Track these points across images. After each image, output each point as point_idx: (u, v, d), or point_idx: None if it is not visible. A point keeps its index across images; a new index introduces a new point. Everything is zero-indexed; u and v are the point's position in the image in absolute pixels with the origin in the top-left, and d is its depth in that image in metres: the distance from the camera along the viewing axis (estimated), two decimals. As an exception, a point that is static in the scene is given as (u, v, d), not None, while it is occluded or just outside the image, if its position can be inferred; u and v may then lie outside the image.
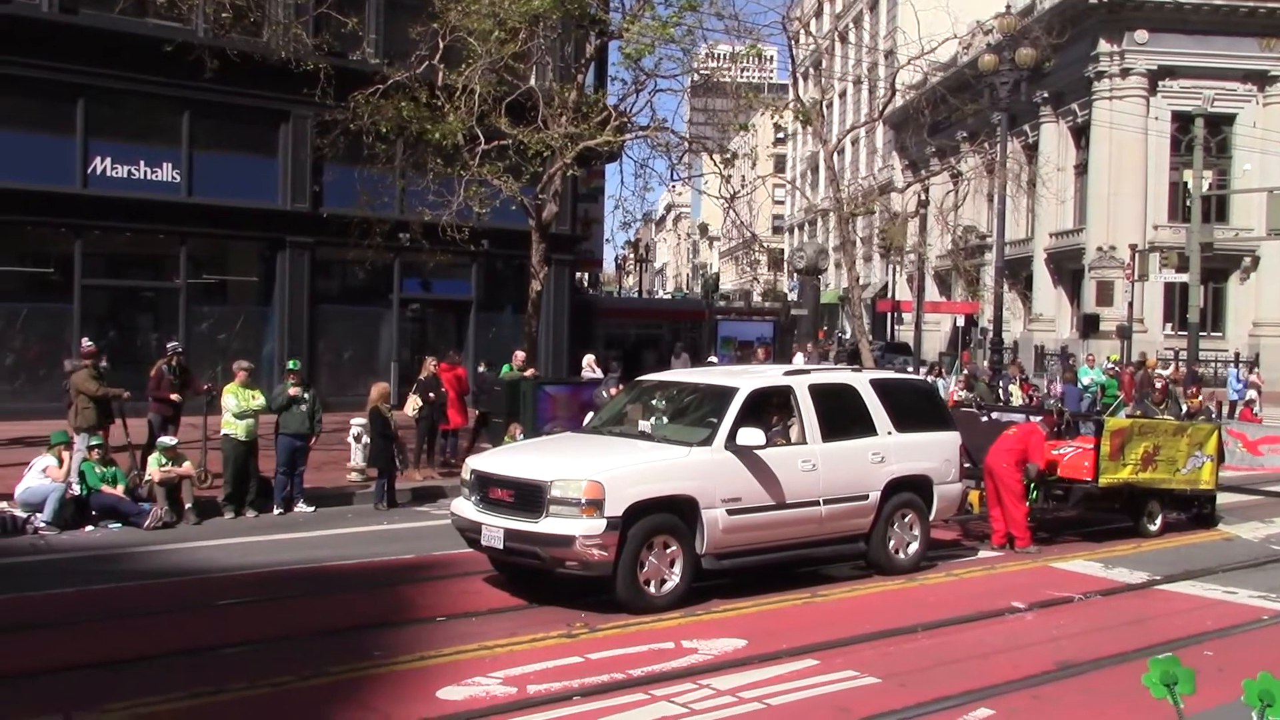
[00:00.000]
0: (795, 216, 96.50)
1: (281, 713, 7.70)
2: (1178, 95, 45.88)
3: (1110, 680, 8.85)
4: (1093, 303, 45.82)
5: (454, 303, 29.53)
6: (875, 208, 44.95)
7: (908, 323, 53.08)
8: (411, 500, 16.79)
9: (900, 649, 9.57)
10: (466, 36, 18.98)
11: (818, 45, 61.38)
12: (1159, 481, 15.33)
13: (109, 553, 13.08)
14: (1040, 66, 30.42)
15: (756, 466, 11.20)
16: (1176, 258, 37.68)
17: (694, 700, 7.98)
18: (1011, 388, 25.15)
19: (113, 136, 24.02)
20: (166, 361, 17.15)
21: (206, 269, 26.03)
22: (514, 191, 19.39)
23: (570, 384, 21.85)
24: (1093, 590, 12.04)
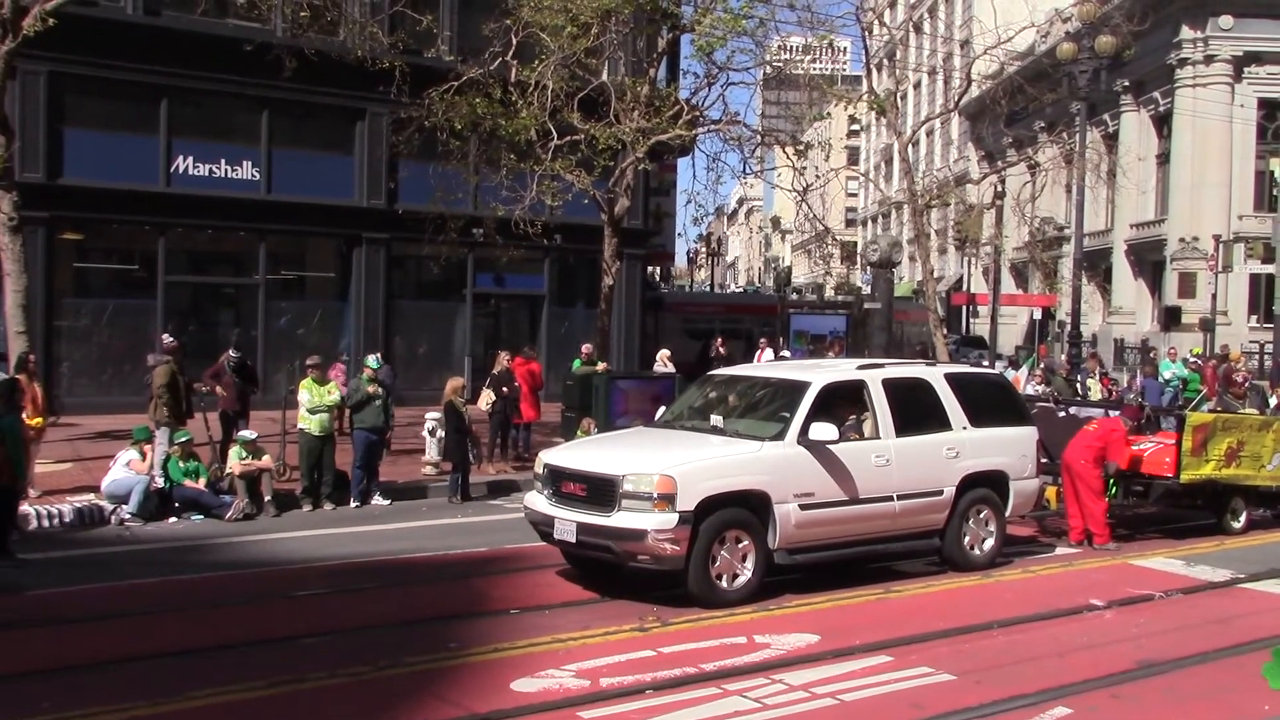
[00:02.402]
0: (869, 209, 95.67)
1: (359, 702, 7.81)
2: (1264, 82, 44.78)
3: (1193, 680, 8.70)
4: (1174, 295, 44.91)
5: (527, 297, 29.71)
6: (950, 199, 44.43)
7: (983, 316, 52.37)
8: (485, 494, 16.94)
9: (975, 646, 9.47)
10: (539, 32, 19.07)
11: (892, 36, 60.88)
12: (1243, 478, 15.01)
13: (191, 544, 13.37)
14: (1120, 54, 29.81)
15: (829, 461, 11.14)
16: (1262, 248, 36.86)
17: (766, 695, 7.96)
18: (1090, 382, 24.70)
19: (194, 136, 24.51)
20: (227, 359, 17.41)
21: (285, 265, 26.49)
22: (586, 186, 19.45)
23: (642, 378, 21.88)
24: (1174, 588, 11.82)
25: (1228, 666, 9.08)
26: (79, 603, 10.54)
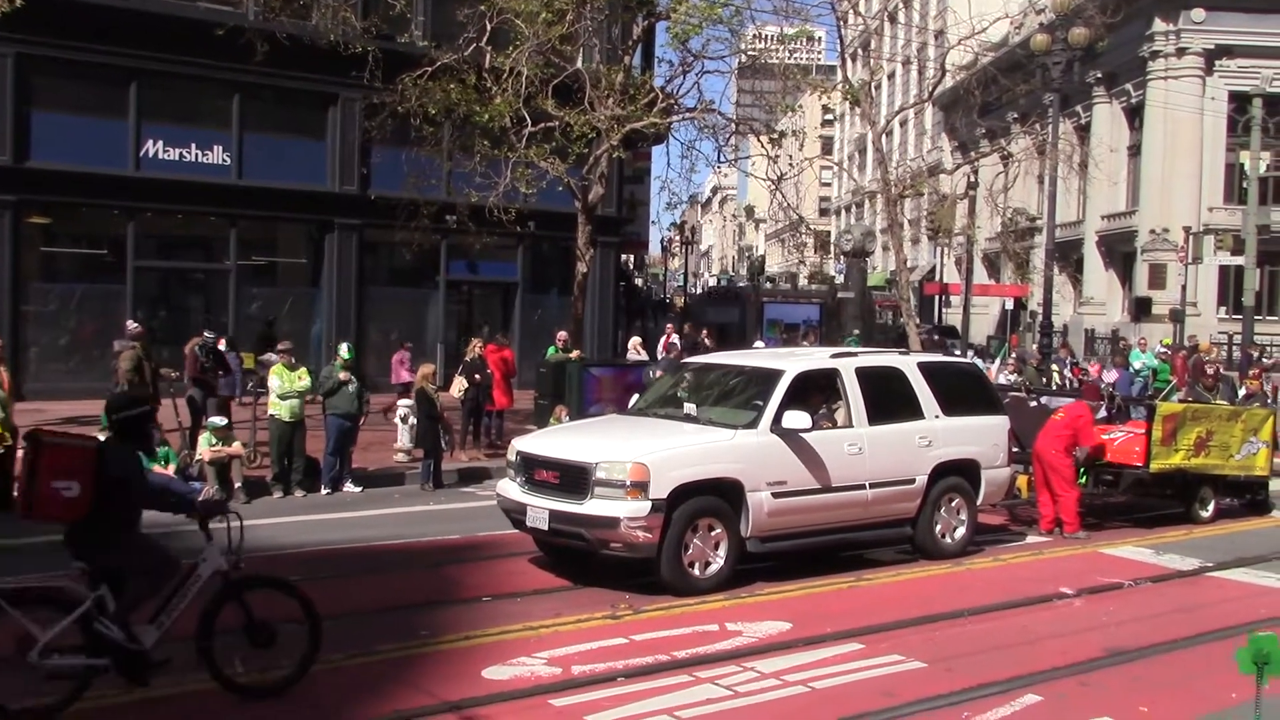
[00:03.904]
0: (843, 198, 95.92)
1: (329, 691, 7.76)
2: (1235, 75, 45.10)
3: (1161, 668, 8.76)
4: (1145, 286, 45.23)
5: (500, 284, 29.64)
6: (924, 189, 44.54)
7: (955, 306, 52.63)
8: (457, 481, 16.89)
9: (946, 634, 9.51)
10: (514, 19, 18.97)
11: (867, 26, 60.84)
12: (1212, 467, 15.13)
13: (160, 530, 13.20)
14: (1094, 46, 29.96)
15: (802, 450, 11.16)
16: (1232, 240, 37.13)
17: (738, 683, 7.98)
18: (1063, 371, 24.86)
19: (164, 120, 24.28)
20: (199, 345, 17.27)
21: (256, 251, 26.30)
22: (560, 173, 19.39)
23: (616, 366, 21.87)
24: (1143, 576, 11.91)
25: (1196, 654, 9.16)
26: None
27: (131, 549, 7.34)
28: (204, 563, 7.57)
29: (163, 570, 7.44)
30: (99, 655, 7.09)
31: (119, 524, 7.27)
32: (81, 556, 7.22)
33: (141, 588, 7.31)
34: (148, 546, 7.51)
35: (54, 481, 6.96)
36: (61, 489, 6.97)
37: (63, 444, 7.19)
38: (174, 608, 7.42)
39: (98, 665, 7.12)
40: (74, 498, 7.00)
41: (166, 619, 7.40)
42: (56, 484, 6.97)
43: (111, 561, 7.22)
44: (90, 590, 7.13)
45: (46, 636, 6.93)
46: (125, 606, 7.21)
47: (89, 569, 7.22)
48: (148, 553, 7.44)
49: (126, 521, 7.35)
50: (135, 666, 7.24)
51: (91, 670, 7.14)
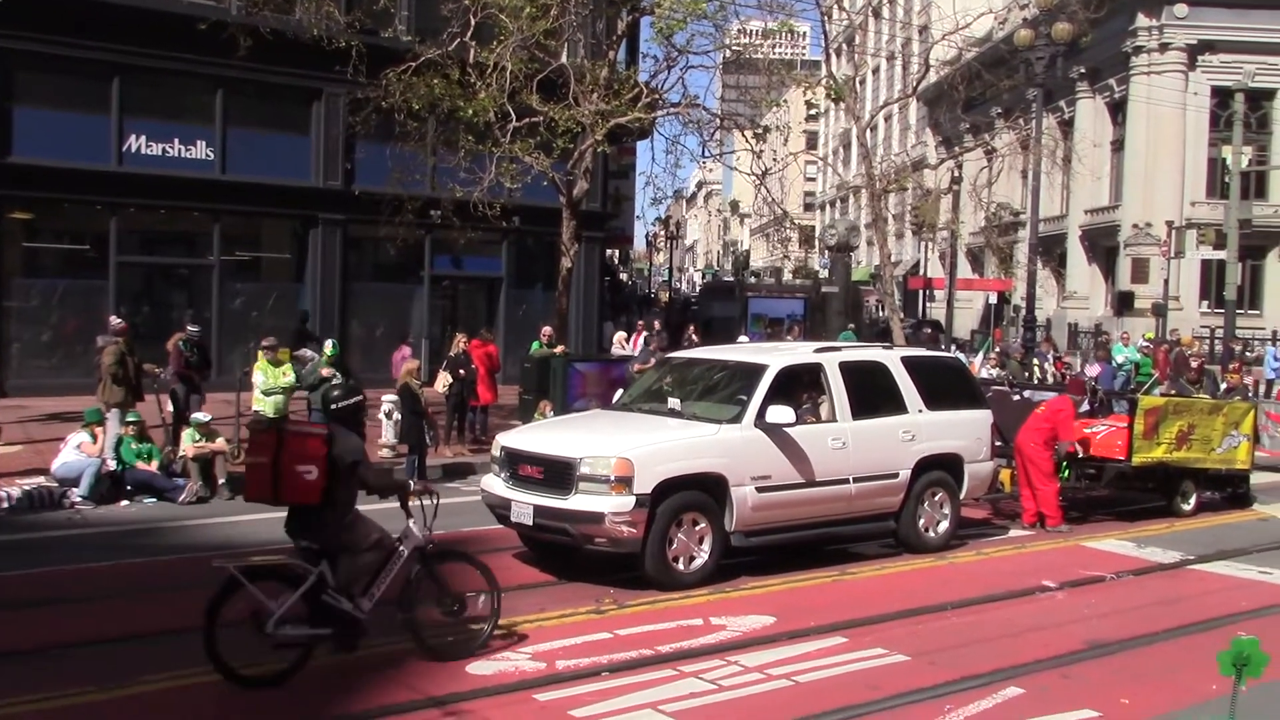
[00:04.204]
0: (827, 193, 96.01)
1: (314, 687, 7.76)
2: (1218, 70, 45.29)
3: (1142, 660, 8.82)
4: (1128, 280, 45.40)
5: (485, 279, 29.58)
6: (908, 184, 44.69)
7: (939, 300, 52.75)
8: (442, 476, 16.85)
9: (929, 627, 9.56)
10: (498, 13, 18.91)
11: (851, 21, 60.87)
12: (1193, 461, 15.22)
13: (143, 527, 13.23)
14: (1077, 41, 30.08)
15: (786, 444, 11.18)
16: (1214, 234, 37.29)
17: (722, 677, 8.00)
18: (1045, 365, 24.97)
19: (147, 114, 24.16)
20: (183, 339, 17.20)
21: (239, 246, 26.20)
22: (545, 168, 19.36)
23: (600, 361, 21.87)
24: (1125, 570, 11.98)
25: (1177, 646, 9.23)
26: (28, 587, 10.41)
27: (355, 527, 8.03)
28: (406, 539, 8.27)
29: (380, 546, 8.10)
30: (322, 625, 7.78)
31: (345, 505, 7.95)
32: (307, 535, 7.90)
33: (363, 562, 8.02)
34: (368, 525, 8.14)
35: (297, 466, 7.63)
36: (303, 473, 7.63)
37: (301, 432, 7.89)
38: (382, 580, 8.11)
39: (321, 634, 7.80)
40: (312, 481, 7.65)
41: (377, 590, 8.07)
42: (299, 469, 7.64)
43: (337, 540, 7.90)
44: (313, 566, 7.77)
45: (281, 609, 7.62)
46: (350, 580, 7.92)
47: (313, 547, 7.88)
48: (369, 531, 8.10)
49: (347, 502, 7.98)
50: (354, 634, 7.91)
51: (315, 639, 7.82)
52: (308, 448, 7.71)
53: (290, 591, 7.70)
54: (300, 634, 7.75)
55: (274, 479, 7.70)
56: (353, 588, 7.95)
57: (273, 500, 7.83)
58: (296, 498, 7.75)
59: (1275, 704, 6.38)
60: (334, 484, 7.78)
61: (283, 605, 7.64)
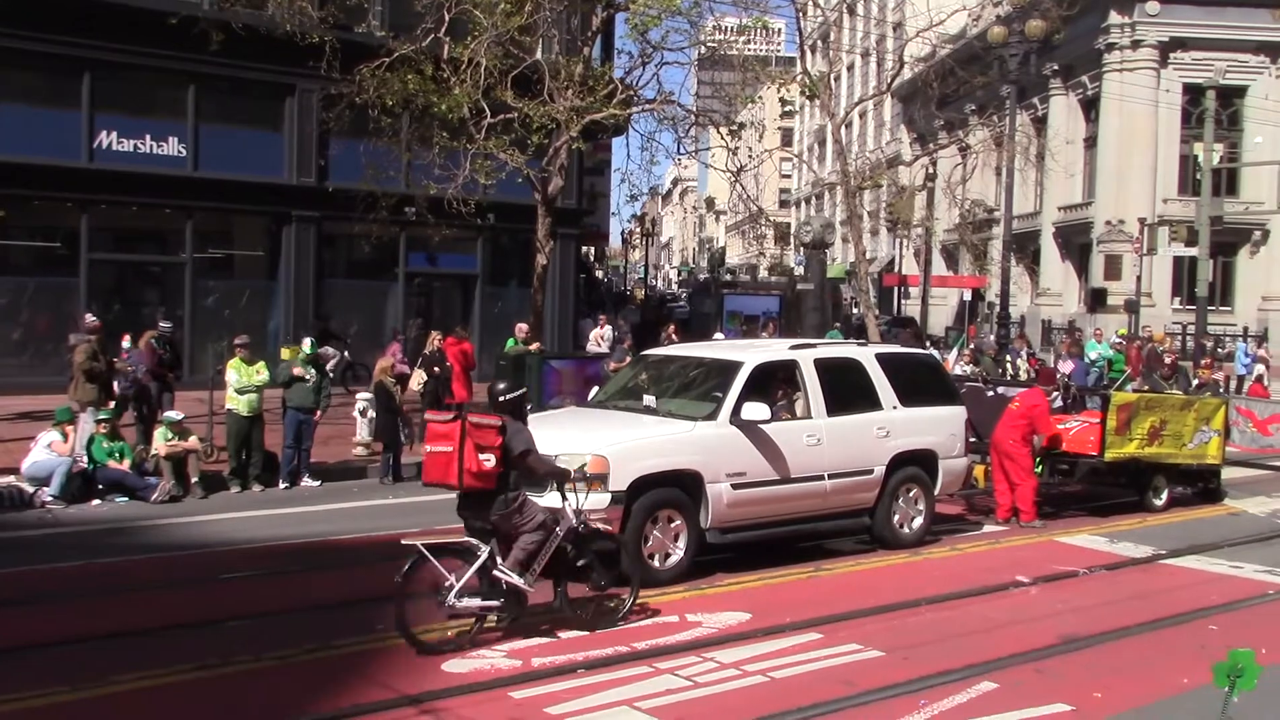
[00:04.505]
0: (802, 190, 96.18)
1: (287, 686, 7.73)
2: (1189, 67, 45.59)
3: (1115, 654, 8.86)
4: (1101, 277, 45.67)
5: (460, 277, 29.53)
6: (883, 181, 44.75)
7: (914, 297, 52.94)
8: (417, 474, 16.75)
9: (904, 623, 9.58)
10: (472, 9, 18.89)
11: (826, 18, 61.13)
12: (1165, 456, 15.31)
13: (115, 526, 13.14)
14: (1050, 39, 30.25)
15: (761, 441, 11.19)
16: (1186, 231, 37.55)
17: (698, 673, 8.00)
18: (1019, 362, 25.05)
19: (118, 110, 24.00)
20: (156, 336, 17.08)
21: (212, 243, 26.05)
22: (519, 165, 19.33)
23: (576, 358, 21.84)
24: (1097, 565, 12.04)
25: (1149, 640, 9.28)
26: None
27: (523, 510, 8.71)
28: (562, 520, 8.95)
29: (543, 527, 8.78)
30: (492, 598, 8.55)
31: (514, 489, 8.66)
32: (480, 517, 8.66)
33: (528, 541, 8.69)
34: (534, 507, 8.82)
35: (478, 455, 8.37)
36: (483, 461, 8.36)
37: (482, 424, 8.46)
38: (542, 557, 8.79)
39: (491, 605, 8.56)
40: (490, 469, 8.40)
41: (538, 567, 8.76)
42: (480, 457, 8.38)
43: (507, 521, 8.63)
44: (485, 544, 8.55)
45: (461, 582, 8.41)
46: (520, 557, 8.64)
47: (486, 526, 8.63)
48: (534, 513, 8.78)
49: (516, 486, 8.69)
50: (520, 606, 8.66)
51: (486, 610, 8.59)
52: (487, 437, 8.40)
53: (466, 567, 8.44)
54: (474, 605, 8.51)
55: (458, 465, 8.38)
56: (519, 564, 8.61)
57: (452, 485, 8.55)
58: (475, 483, 8.42)
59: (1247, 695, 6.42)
60: (506, 470, 8.51)
61: (460, 579, 8.40)
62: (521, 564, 8.66)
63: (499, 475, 8.49)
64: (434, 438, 8.68)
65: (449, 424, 8.55)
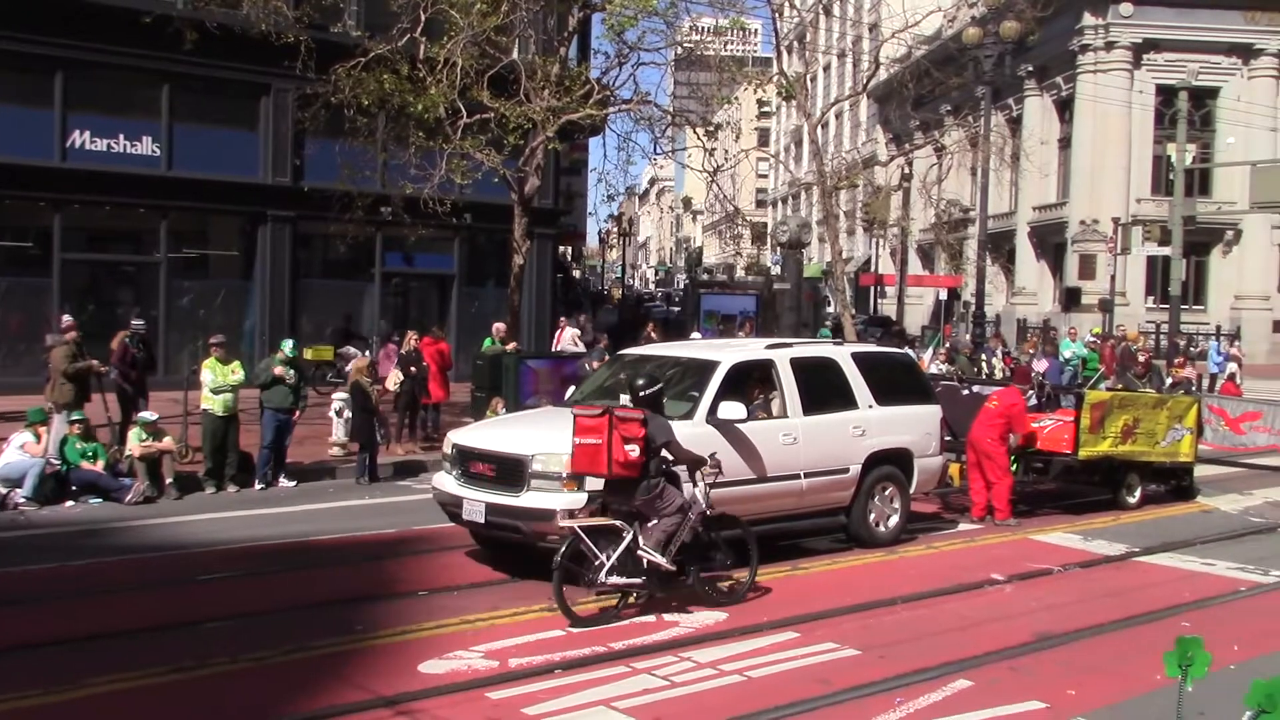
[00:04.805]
0: (779, 190, 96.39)
1: (263, 687, 7.70)
2: (1162, 69, 45.89)
3: (1089, 651, 8.92)
4: (1075, 276, 45.91)
5: (436, 276, 29.47)
6: (859, 181, 44.98)
7: (890, 297, 53.13)
8: (393, 475, 16.78)
9: (880, 621, 9.62)
10: (448, 9, 18.84)
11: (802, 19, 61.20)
12: (1138, 454, 15.41)
13: (89, 528, 13.05)
14: (1024, 40, 30.41)
15: (737, 440, 11.21)
16: (1159, 231, 37.72)
17: (675, 673, 8.01)
18: (994, 361, 25.18)
19: (91, 110, 23.84)
20: (128, 336, 16.98)
21: (187, 243, 25.91)
22: (496, 165, 19.30)
23: (553, 358, 21.83)
24: (1072, 562, 12.12)
25: (1123, 638, 9.34)
26: (-29, 589, 10.23)
27: (663, 495, 9.47)
28: (694, 504, 9.65)
29: (680, 511, 9.52)
30: (635, 575, 9.33)
31: (655, 476, 9.41)
32: (626, 501, 9.45)
33: (667, 524, 9.46)
34: (673, 493, 9.57)
35: (625, 445, 9.15)
36: (629, 451, 9.15)
37: (628, 417, 9.27)
38: (677, 539, 9.51)
39: (634, 583, 9.37)
40: (635, 458, 9.19)
41: (673, 547, 9.46)
42: (626, 447, 9.16)
43: (650, 506, 9.43)
44: (629, 527, 9.33)
45: (610, 562, 9.17)
46: (660, 538, 9.40)
47: (630, 510, 9.43)
48: (673, 498, 9.54)
49: (656, 474, 9.44)
50: (660, 583, 9.46)
51: (630, 586, 9.40)
52: (632, 430, 9.20)
53: (613, 547, 9.18)
54: (619, 582, 9.29)
55: (606, 456, 9.17)
56: (659, 544, 9.37)
57: (601, 473, 9.37)
58: (622, 471, 9.23)
59: (1219, 693, 6.48)
60: (648, 459, 9.26)
61: (609, 559, 9.17)
62: (661, 544, 9.40)
63: (642, 464, 9.24)
64: (583, 431, 9.41)
65: (597, 418, 9.32)
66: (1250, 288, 46.82)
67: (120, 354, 16.74)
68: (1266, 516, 15.31)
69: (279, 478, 15.67)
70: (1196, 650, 3.91)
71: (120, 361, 16.67)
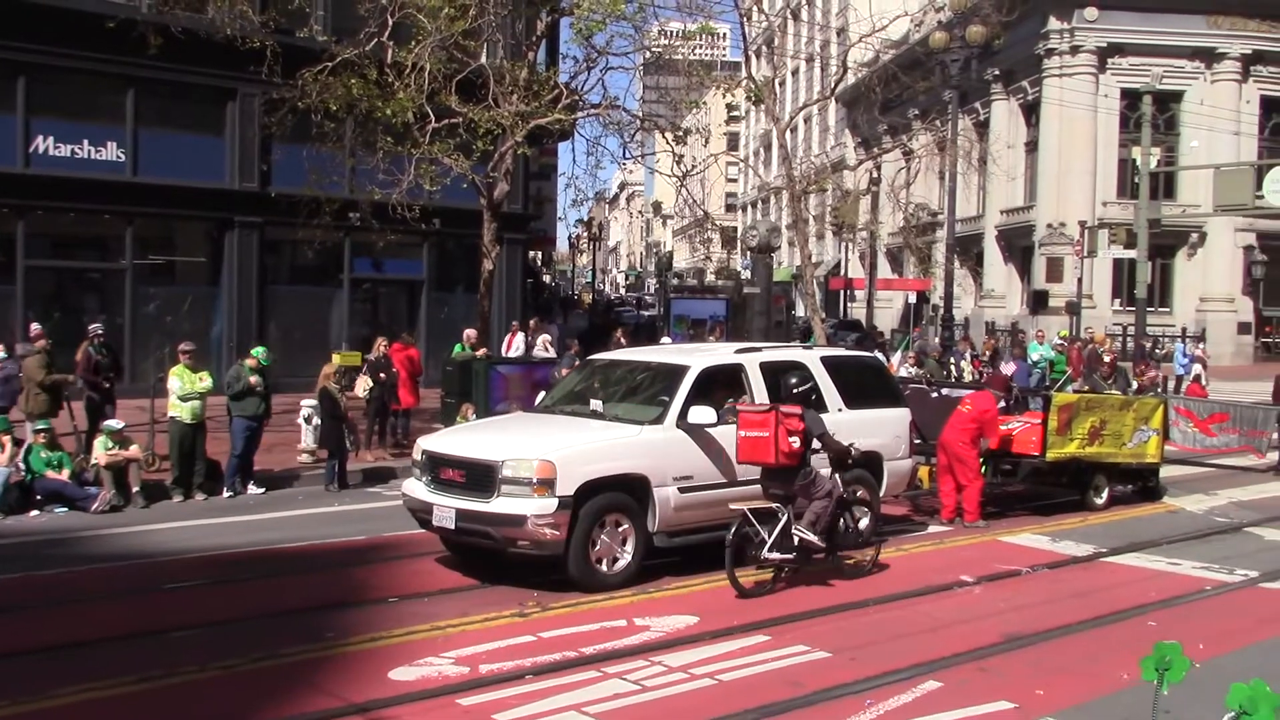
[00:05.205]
0: (748, 194, 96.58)
1: (233, 696, 7.65)
2: (1127, 73, 46.27)
3: (1058, 651, 8.98)
4: (1043, 279, 46.21)
5: (405, 282, 29.34)
6: (828, 185, 45.14)
7: (860, 300, 53.33)
8: (363, 481, 16.70)
9: (851, 623, 9.65)
10: (415, 13, 18.78)
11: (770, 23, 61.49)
12: (1105, 456, 15.52)
13: (55, 537, 12.92)
14: (991, 44, 30.59)
15: (708, 444, 11.23)
16: (1125, 234, 38.03)
17: (646, 677, 8.01)
18: (962, 364, 25.32)
19: (55, 115, 23.60)
20: (90, 343, 16.84)
21: (153, 249, 25.64)
22: (465, 170, 19.25)
23: (523, 363, 21.79)
24: (1040, 563, 12.19)
25: (1091, 638, 9.40)
26: (-66, 600, 10.11)
27: (815, 481, 10.77)
28: (835, 488, 10.90)
29: (828, 495, 10.75)
30: (789, 552, 10.55)
31: (808, 464, 10.72)
32: (783, 487, 10.65)
33: (817, 507, 10.69)
34: (822, 479, 10.89)
35: (788, 438, 10.33)
36: (791, 442, 10.34)
37: (790, 413, 10.44)
38: (824, 520, 10.74)
39: (788, 558, 10.61)
40: (796, 449, 10.41)
41: (819, 526, 10.67)
42: (790, 439, 10.34)
43: (805, 491, 10.68)
44: (783, 509, 10.53)
45: (771, 538, 10.40)
46: (811, 519, 10.63)
47: (786, 495, 10.63)
48: (823, 483, 10.83)
49: (809, 462, 10.72)
50: (808, 559, 10.83)
51: (785, 562, 10.63)
52: (794, 424, 10.37)
53: (771, 527, 10.40)
54: (776, 557, 10.48)
55: (773, 447, 10.31)
56: (810, 525, 10.60)
57: (767, 462, 10.53)
58: (786, 460, 10.39)
59: (1186, 692, 6.53)
60: (805, 449, 10.49)
61: (770, 537, 10.36)
62: (812, 525, 10.63)
63: (801, 454, 10.47)
64: (749, 425, 10.62)
65: (764, 414, 10.52)
66: (1215, 290, 47.27)
67: (85, 364, 16.59)
68: (1231, 516, 15.45)
69: (247, 485, 15.56)
70: (1175, 655, 3.92)
71: (86, 371, 16.53)
